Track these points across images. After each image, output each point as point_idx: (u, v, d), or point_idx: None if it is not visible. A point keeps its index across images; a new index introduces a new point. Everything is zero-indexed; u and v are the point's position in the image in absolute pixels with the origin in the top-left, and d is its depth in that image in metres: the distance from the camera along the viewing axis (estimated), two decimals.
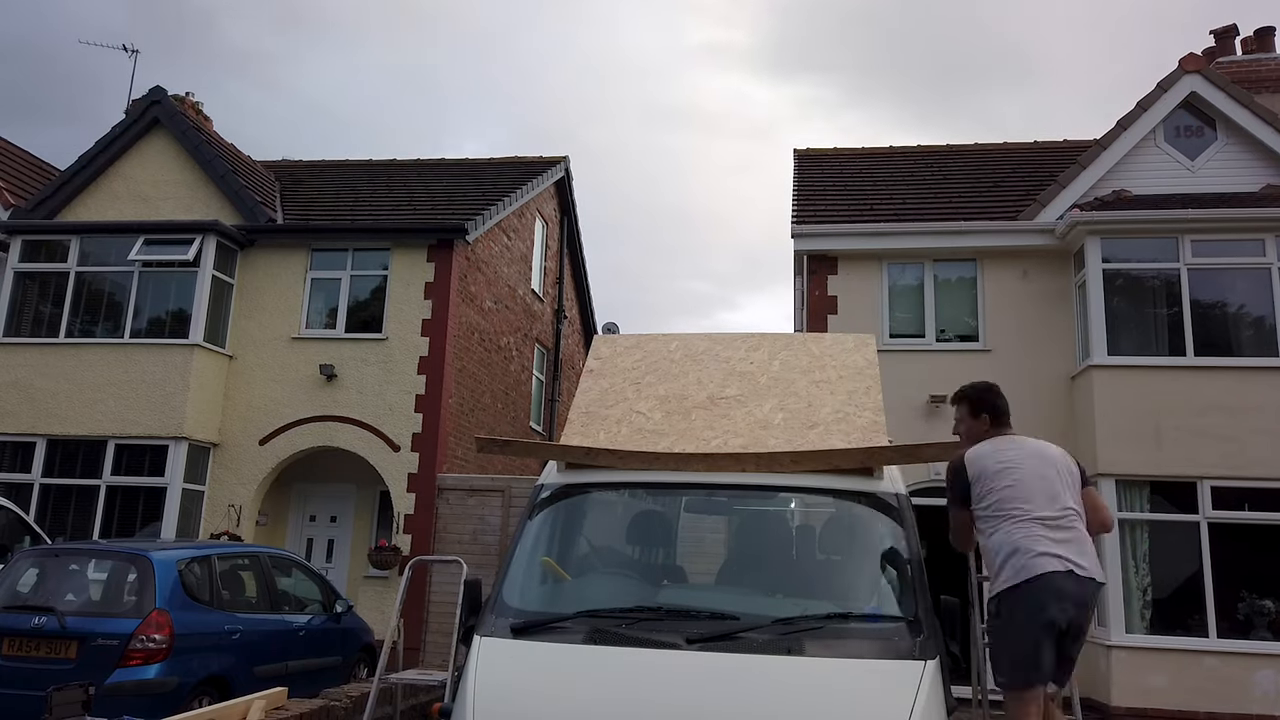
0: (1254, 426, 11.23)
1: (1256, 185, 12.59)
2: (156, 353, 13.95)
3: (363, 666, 10.01)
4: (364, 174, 17.67)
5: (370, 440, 13.92)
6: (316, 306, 14.78)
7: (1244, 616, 11.02)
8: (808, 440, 4.62)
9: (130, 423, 13.66)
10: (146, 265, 14.32)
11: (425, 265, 14.53)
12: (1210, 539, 11.09)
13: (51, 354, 14.15)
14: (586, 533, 4.80)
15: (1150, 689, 10.63)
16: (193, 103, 16.43)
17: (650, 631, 3.82)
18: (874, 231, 13.26)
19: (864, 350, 5.46)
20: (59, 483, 13.69)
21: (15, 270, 14.60)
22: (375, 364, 14.20)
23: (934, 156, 16.03)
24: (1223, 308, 12.04)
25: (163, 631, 7.08)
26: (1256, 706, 10.44)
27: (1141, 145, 12.93)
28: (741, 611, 3.98)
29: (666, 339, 5.72)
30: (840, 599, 4.25)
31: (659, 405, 4.99)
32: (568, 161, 19.32)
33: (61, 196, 15.24)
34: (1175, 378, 11.59)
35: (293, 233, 14.96)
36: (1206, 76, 12.85)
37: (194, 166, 15.29)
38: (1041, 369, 12.51)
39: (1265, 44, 15.37)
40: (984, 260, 13.05)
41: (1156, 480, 11.45)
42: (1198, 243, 11.92)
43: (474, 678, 3.71)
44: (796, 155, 16.55)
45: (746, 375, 5.21)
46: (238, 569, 8.72)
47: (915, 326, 13.14)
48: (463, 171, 17.72)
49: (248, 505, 13.97)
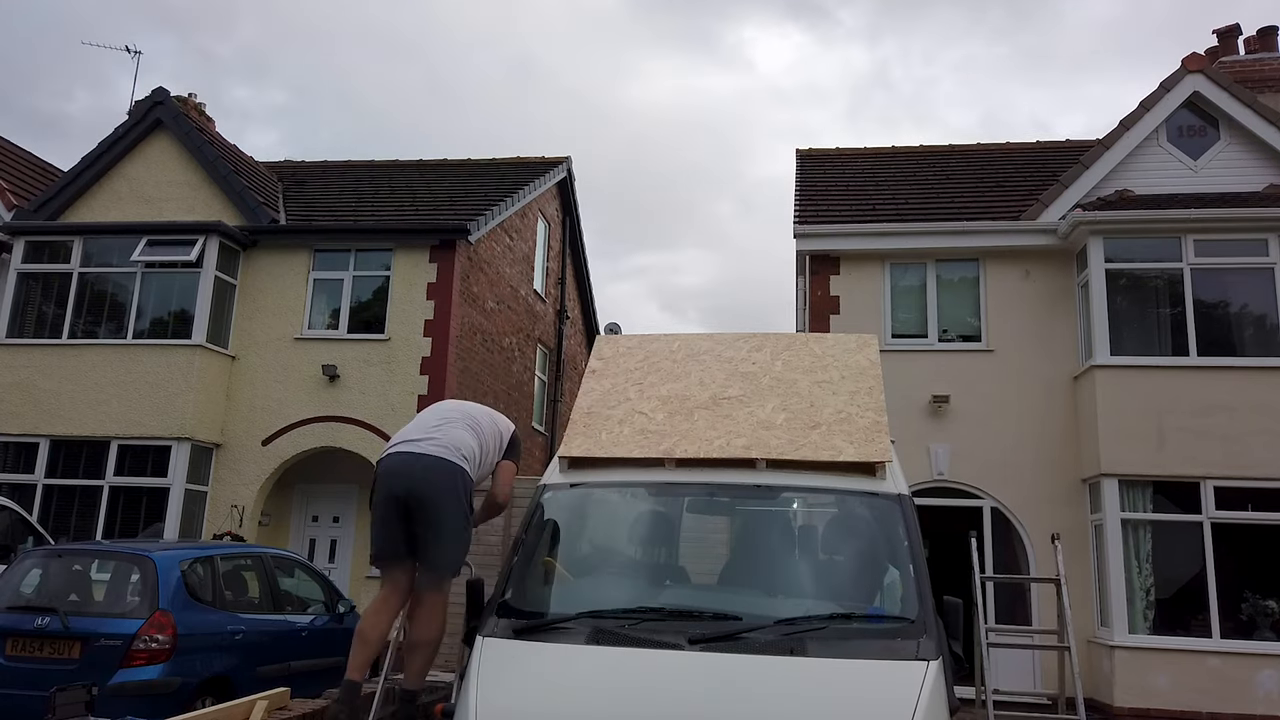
0: (1257, 426, 11.21)
1: (1259, 185, 12.57)
2: (159, 353, 13.97)
3: None
4: (366, 174, 17.69)
5: (373, 440, 13.92)
6: (319, 307, 14.79)
7: (1247, 617, 11.01)
8: (810, 440, 4.62)
9: (133, 423, 13.68)
10: (149, 266, 14.34)
11: (428, 266, 14.54)
12: (1213, 539, 11.07)
13: (54, 355, 14.17)
14: (589, 533, 4.80)
15: (1153, 689, 10.62)
16: (195, 104, 16.45)
17: (652, 632, 3.82)
18: (876, 231, 13.26)
19: (866, 350, 5.46)
20: (62, 483, 13.71)
21: (18, 271, 14.63)
22: (378, 364, 14.21)
23: (936, 156, 16.02)
24: (1226, 308, 12.02)
25: (165, 632, 7.08)
26: (1260, 707, 10.42)
27: (1144, 145, 12.91)
28: (744, 612, 3.99)
29: (669, 339, 5.72)
30: (842, 599, 4.25)
31: (661, 406, 4.99)
32: (570, 162, 19.33)
33: (64, 197, 15.26)
34: (1178, 378, 11.57)
35: (295, 233, 14.97)
36: (1209, 76, 12.83)
37: (197, 167, 15.31)
38: (1044, 369, 12.51)
39: (1268, 43, 15.37)
40: (986, 260, 13.04)
41: (1159, 480, 11.44)
42: (1201, 242, 11.90)
43: (476, 678, 3.71)
44: (799, 155, 16.56)
45: (749, 375, 5.21)
46: (240, 569, 8.72)
47: (918, 326, 13.13)
48: (465, 172, 17.73)
49: (250, 506, 13.98)
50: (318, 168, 18.25)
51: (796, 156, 16.54)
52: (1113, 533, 11.28)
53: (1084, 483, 12.07)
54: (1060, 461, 12.18)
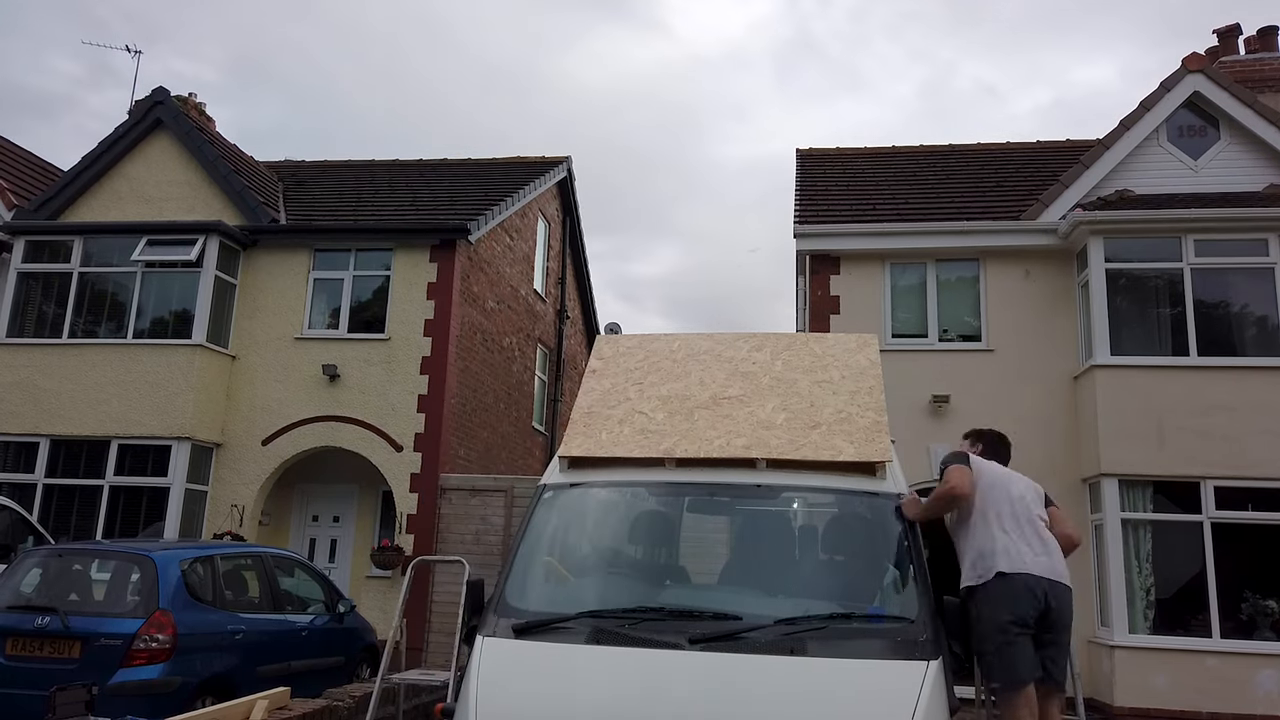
0: (1257, 426, 11.21)
1: (1260, 185, 12.57)
2: (159, 353, 13.97)
3: (365, 666, 10.01)
4: (366, 174, 17.69)
5: (373, 440, 13.93)
6: (319, 307, 14.79)
7: (1247, 617, 11.00)
8: (810, 440, 4.62)
9: (133, 423, 13.68)
10: (149, 266, 14.34)
11: (428, 265, 14.54)
12: (1213, 539, 11.07)
13: (55, 354, 14.17)
14: (589, 533, 4.80)
15: (1153, 689, 10.62)
16: (195, 103, 16.45)
17: (653, 632, 3.83)
18: (877, 231, 13.26)
19: (866, 350, 5.47)
20: (62, 483, 13.70)
21: (18, 271, 14.63)
22: (378, 364, 14.21)
23: (936, 156, 16.04)
24: (1226, 307, 12.02)
25: (166, 631, 7.08)
26: (1259, 707, 10.41)
27: (1144, 145, 12.91)
28: (744, 612, 3.99)
29: (669, 339, 5.73)
30: (842, 599, 4.25)
31: (661, 405, 4.99)
32: (570, 161, 19.33)
33: (64, 197, 15.26)
34: (1178, 377, 11.57)
35: (295, 233, 14.97)
36: (1209, 76, 12.83)
37: (197, 167, 15.30)
38: (1044, 369, 12.51)
39: (1268, 43, 15.37)
40: (986, 260, 13.04)
41: (1159, 480, 11.43)
42: (1201, 242, 11.90)
43: (476, 678, 3.72)
44: (799, 155, 16.58)
45: (749, 375, 5.21)
46: (240, 569, 8.73)
47: (918, 326, 13.13)
48: (465, 171, 17.73)
49: (250, 505, 13.98)
50: (318, 168, 18.25)
51: (797, 156, 16.57)
52: (1113, 533, 11.28)
53: (1084, 483, 12.07)
54: (1060, 461, 12.18)
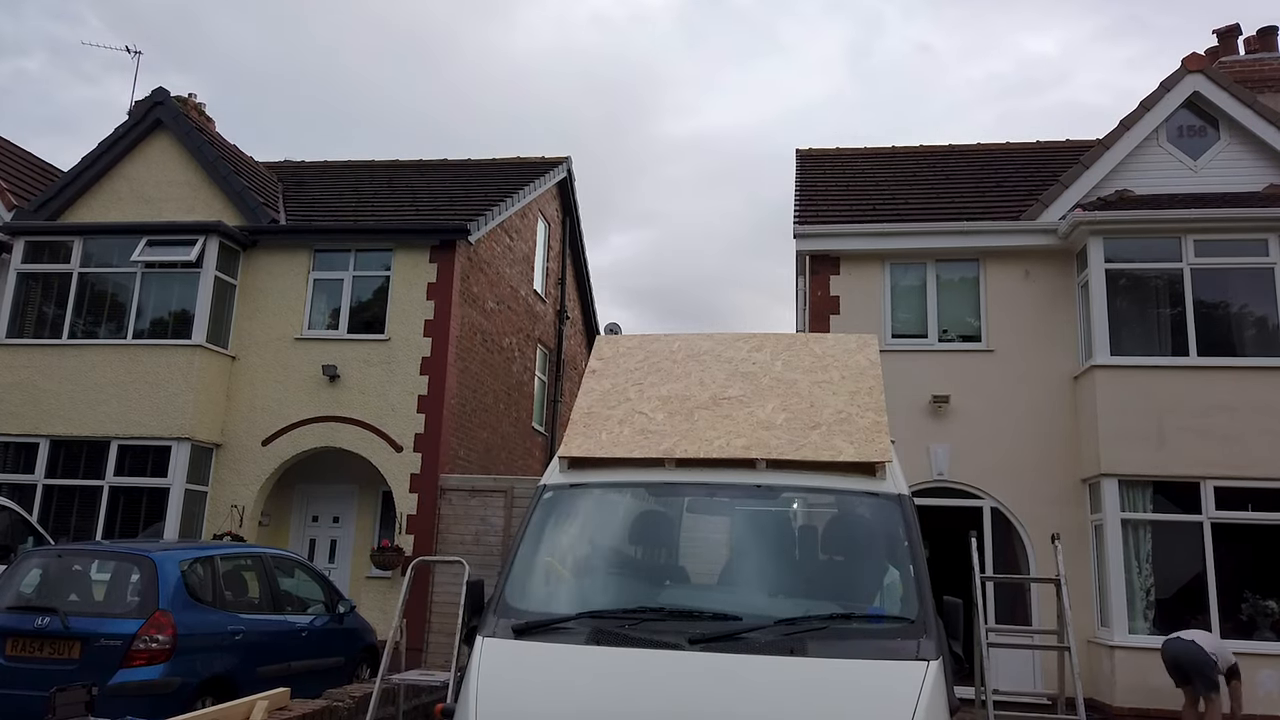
0: (1257, 426, 11.22)
1: (1259, 185, 12.57)
2: (159, 353, 13.97)
3: (365, 667, 10.01)
4: (366, 174, 17.69)
5: (373, 441, 13.93)
6: (319, 307, 14.80)
7: (1247, 617, 11.02)
8: (810, 441, 4.62)
9: (133, 423, 13.68)
10: (149, 266, 14.34)
11: (428, 266, 14.54)
12: (1213, 539, 11.08)
13: (54, 355, 14.17)
14: (589, 533, 4.80)
15: (1153, 689, 10.60)
16: (195, 104, 16.44)
17: (653, 632, 3.82)
18: (876, 232, 13.26)
19: (866, 350, 5.47)
20: (62, 483, 13.70)
21: (18, 271, 14.63)
22: (378, 364, 14.21)
23: (936, 156, 16.04)
24: (1226, 308, 12.02)
25: (165, 632, 7.09)
26: (1260, 707, 10.43)
27: (1144, 145, 12.91)
28: (744, 612, 3.98)
29: (669, 339, 5.72)
30: (842, 599, 4.25)
31: (661, 406, 4.99)
32: (570, 162, 19.33)
33: (64, 198, 15.26)
34: (1178, 378, 11.58)
35: (295, 233, 14.97)
36: (1209, 76, 12.83)
37: (196, 167, 15.31)
38: (1044, 369, 12.51)
39: (1268, 44, 15.36)
40: (986, 260, 13.04)
41: (1159, 480, 11.44)
42: (1201, 243, 11.91)
43: (476, 678, 3.72)
44: (799, 155, 16.58)
45: (749, 376, 5.21)
46: (240, 569, 8.73)
47: (918, 327, 13.13)
48: (465, 172, 17.73)
49: (250, 506, 13.98)
50: (318, 168, 18.25)
51: (797, 156, 16.58)
52: (1113, 533, 11.28)
53: (1084, 483, 12.07)
54: (1060, 461, 12.18)
